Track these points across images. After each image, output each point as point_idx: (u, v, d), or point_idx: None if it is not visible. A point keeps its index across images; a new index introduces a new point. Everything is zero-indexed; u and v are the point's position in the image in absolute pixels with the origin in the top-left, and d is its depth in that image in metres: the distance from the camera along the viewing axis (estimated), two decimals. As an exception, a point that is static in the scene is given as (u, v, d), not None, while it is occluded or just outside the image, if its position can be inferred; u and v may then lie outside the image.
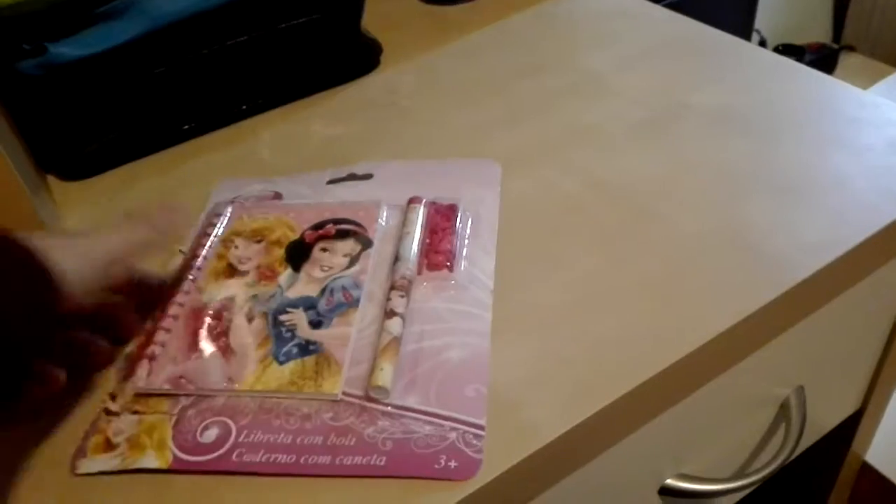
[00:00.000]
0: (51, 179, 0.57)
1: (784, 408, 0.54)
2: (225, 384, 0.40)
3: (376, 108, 0.60)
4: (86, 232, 0.41)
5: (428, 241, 0.46)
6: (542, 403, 0.37)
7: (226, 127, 0.60)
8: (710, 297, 0.42)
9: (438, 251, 0.45)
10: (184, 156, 0.58)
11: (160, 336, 0.42)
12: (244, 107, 0.60)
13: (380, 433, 0.37)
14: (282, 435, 0.37)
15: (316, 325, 0.42)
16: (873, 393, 0.65)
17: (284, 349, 0.41)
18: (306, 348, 0.41)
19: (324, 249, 0.47)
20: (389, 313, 0.41)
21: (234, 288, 0.45)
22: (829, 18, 2.01)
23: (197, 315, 0.43)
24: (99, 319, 0.40)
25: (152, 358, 0.41)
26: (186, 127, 0.59)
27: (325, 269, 0.45)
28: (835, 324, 0.53)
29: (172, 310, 0.43)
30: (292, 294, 0.44)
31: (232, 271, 0.46)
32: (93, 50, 0.53)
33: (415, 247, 0.45)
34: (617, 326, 0.41)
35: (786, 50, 1.88)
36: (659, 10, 0.69)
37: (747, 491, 0.53)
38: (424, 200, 0.49)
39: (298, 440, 0.37)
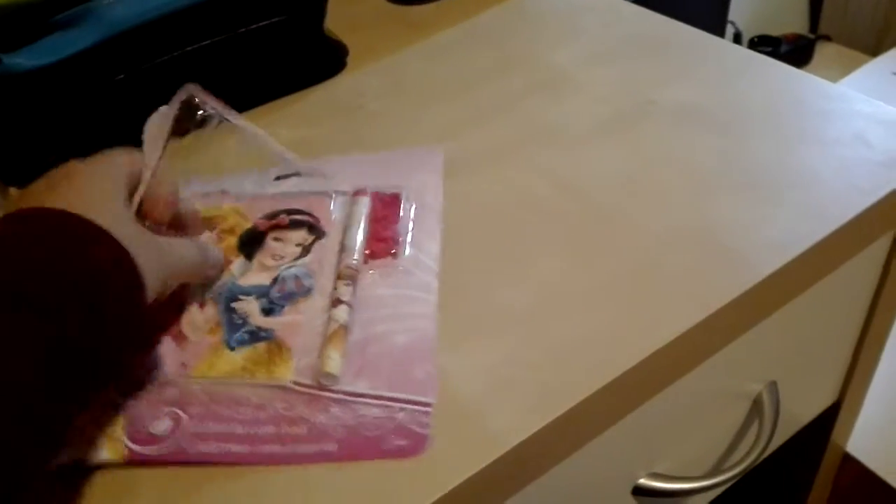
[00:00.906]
0: (12, 192, 0.56)
1: (757, 403, 0.54)
2: (178, 370, 0.40)
3: (343, 112, 0.60)
4: (168, 239, 0.41)
5: (372, 230, 0.47)
6: (504, 407, 0.37)
7: (188, 134, 0.59)
8: (676, 295, 0.42)
9: (381, 239, 0.46)
10: (147, 164, 0.57)
11: None
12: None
13: (332, 420, 0.37)
14: (233, 424, 0.37)
15: (268, 312, 0.42)
16: (850, 384, 0.65)
17: (236, 335, 0.41)
18: (258, 335, 0.41)
19: (277, 239, 0.47)
20: (336, 302, 0.42)
21: None
22: (805, 9, 2.01)
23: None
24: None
25: None
26: (149, 135, 0.58)
27: (278, 258, 0.46)
28: (806, 317, 0.52)
29: None
30: (244, 282, 0.44)
31: None
32: (49, 59, 0.52)
33: (360, 236, 0.46)
34: (580, 326, 0.40)
35: (762, 41, 1.89)
36: (626, 5, 0.69)
37: (723, 488, 0.52)
38: (368, 190, 0.49)
39: (251, 430, 0.37)
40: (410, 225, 0.47)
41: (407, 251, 0.45)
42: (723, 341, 0.45)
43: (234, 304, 0.43)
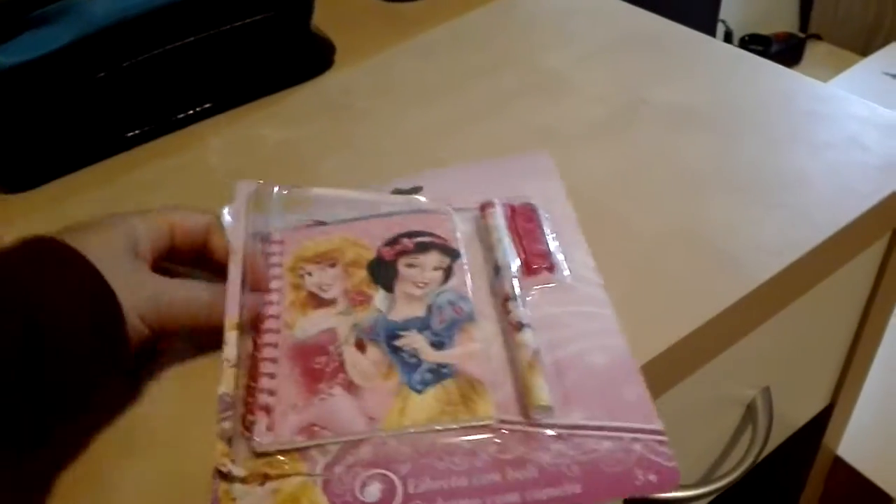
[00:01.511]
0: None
1: (750, 409, 0.53)
2: (366, 424, 0.35)
3: (330, 111, 0.59)
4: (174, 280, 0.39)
5: (519, 244, 0.43)
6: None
7: (172, 133, 0.58)
8: (669, 302, 0.41)
9: (534, 254, 0.42)
10: (129, 164, 0.56)
11: (265, 383, 0.37)
12: (191, 112, 0.58)
13: (560, 458, 0.33)
14: (453, 478, 0.33)
15: (438, 345, 0.38)
16: (843, 388, 0.65)
17: (416, 376, 0.37)
18: (440, 372, 0.37)
19: (410, 265, 0.42)
20: (516, 325, 0.38)
21: (328, 318, 0.40)
22: (796, 8, 2.01)
23: (298, 353, 0.38)
24: None
25: (267, 409, 0.35)
26: (130, 134, 0.56)
27: (421, 285, 0.41)
28: (800, 323, 0.52)
29: (266, 352, 0.38)
30: (396, 316, 0.40)
31: (317, 301, 0.41)
32: (27, 56, 0.51)
33: (512, 253, 0.42)
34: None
35: (752, 40, 1.88)
36: (618, 3, 0.68)
37: (715, 495, 0.52)
38: (498, 203, 0.45)
39: (474, 481, 0.33)
40: (553, 236, 0.43)
41: (562, 264, 0.42)
42: (716, 349, 0.44)
43: (396, 343, 0.38)
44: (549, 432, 0.34)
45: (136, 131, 0.57)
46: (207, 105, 0.58)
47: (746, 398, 0.53)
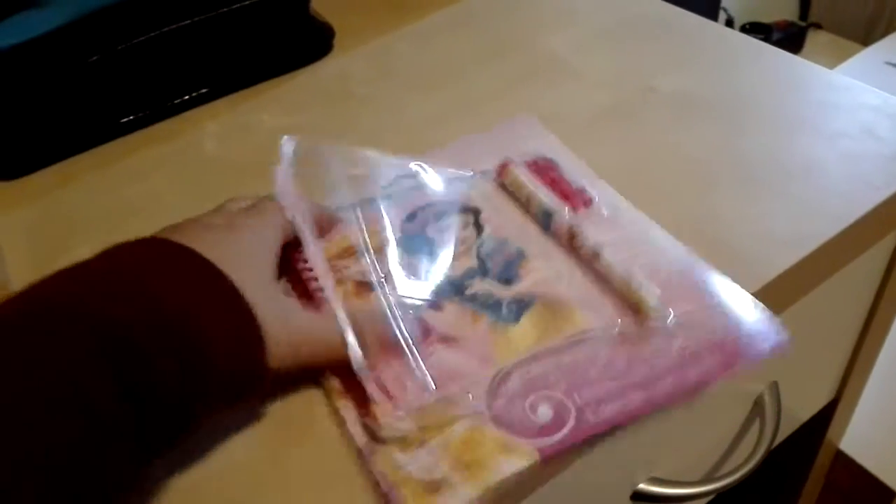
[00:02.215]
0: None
1: (758, 404, 0.52)
2: (480, 367, 0.35)
3: (329, 96, 0.57)
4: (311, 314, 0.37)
5: (553, 191, 0.44)
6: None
7: (168, 119, 0.56)
8: (681, 295, 0.40)
9: (571, 195, 0.44)
10: (124, 150, 0.54)
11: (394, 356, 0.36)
12: (187, 97, 0.56)
13: (690, 342, 0.36)
14: (607, 382, 0.35)
15: (507, 282, 0.39)
16: (848, 382, 0.64)
17: (504, 311, 0.38)
18: (522, 302, 0.38)
19: (439, 231, 0.43)
20: (593, 254, 0.40)
21: (388, 298, 0.39)
22: (796, -5, 2.00)
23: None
24: None
25: (382, 388, 0.35)
26: (125, 120, 0.55)
27: (459, 243, 0.42)
28: (810, 317, 0.51)
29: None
30: (455, 273, 0.40)
31: (368, 286, 0.40)
32: (18, 39, 0.49)
33: (553, 199, 0.43)
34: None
35: (753, 28, 1.87)
36: (623, -12, 0.66)
37: (721, 491, 0.51)
38: (516, 161, 0.46)
39: (628, 381, 0.35)
40: (575, 179, 0.45)
41: (597, 199, 0.44)
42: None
43: (467, 292, 0.39)
44: (668, 323, 0.37)
45: (132, 117, 0.55)
46: (204, 90, 0.57)
47: (754, 393, 0.52)
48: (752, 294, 0.39)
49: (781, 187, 0.45)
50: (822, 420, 0.68)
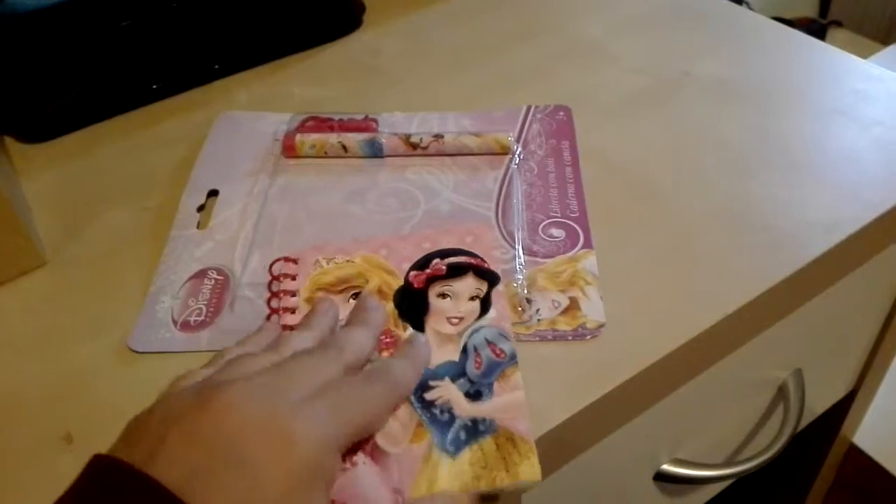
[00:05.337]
0: (8, 142, 0.53)
1: (782, 391, 0.52)
2: (392, 500, 0.30)
3: (358, 71, 0.57)
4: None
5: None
6: (542, 390, 0.35)
7: (197, 87, 0.56)
8: (715, 278, 0.39)
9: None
10: (152, 117, 0.54)
11: None
12: (217, 66, 0.56)
13: None
14: None
15: (474, 396, 0.33)
16: (867, 375, 0.64)
17: (449, 436, 0.32)
18: (476, 430, 0.32)
19: (442, 295, 0.37)
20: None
21: None
22: (817, -8, 1.98)
23: None
24: None
25: None
26: (155, 86, 0.55)
27: (455, 321, 0.36)
28: (837, 305, 0.50)
29: None
30: (433, 360, 0.35)
31: None
32: (49, 0, 0.49)
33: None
34: (616, 309, 0.38)
35: (773, 23, 1.86)
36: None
37: (742, 475, 0.51)
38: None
39: None
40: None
41: None
42: (758, 327, 0.43)
43: (427, 396, 0.33)
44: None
45: (161, 83, 0.55)
46: (234, 60, 0.57)
47: (778, 379, 0.52)
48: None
49: (816, 173, 0.45)
50: (838, 413, 0.68)
